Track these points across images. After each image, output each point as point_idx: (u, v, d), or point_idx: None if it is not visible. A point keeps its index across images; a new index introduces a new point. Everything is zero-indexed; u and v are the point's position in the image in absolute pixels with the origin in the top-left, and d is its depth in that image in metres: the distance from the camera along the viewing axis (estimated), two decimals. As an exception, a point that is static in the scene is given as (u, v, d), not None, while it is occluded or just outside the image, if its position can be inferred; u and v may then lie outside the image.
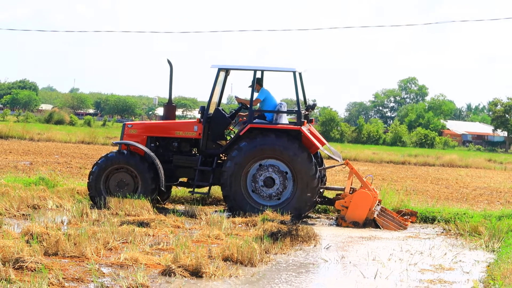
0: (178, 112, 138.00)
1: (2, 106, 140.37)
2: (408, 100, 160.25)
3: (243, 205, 19.08)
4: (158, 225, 16.33)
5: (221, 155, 19.90)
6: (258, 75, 20.10)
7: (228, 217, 18.19)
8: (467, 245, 16.64)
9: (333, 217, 20.23)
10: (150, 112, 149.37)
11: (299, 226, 16.75)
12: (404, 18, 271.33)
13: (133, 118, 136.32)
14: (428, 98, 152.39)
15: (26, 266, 11.49)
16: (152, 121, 24.42)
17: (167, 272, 11.93)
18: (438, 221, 19.71)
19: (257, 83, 19.87)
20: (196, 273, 11.93)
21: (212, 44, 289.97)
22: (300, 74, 19.99)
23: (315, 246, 15.62)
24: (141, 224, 16.29)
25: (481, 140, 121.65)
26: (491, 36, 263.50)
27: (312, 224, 18.72)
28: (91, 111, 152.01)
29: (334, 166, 22.03)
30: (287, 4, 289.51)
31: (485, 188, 31.90)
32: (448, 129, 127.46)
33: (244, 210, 18.90)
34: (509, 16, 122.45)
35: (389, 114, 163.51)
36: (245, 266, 13.00)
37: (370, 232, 17.89)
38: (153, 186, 19.37)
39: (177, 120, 20.90)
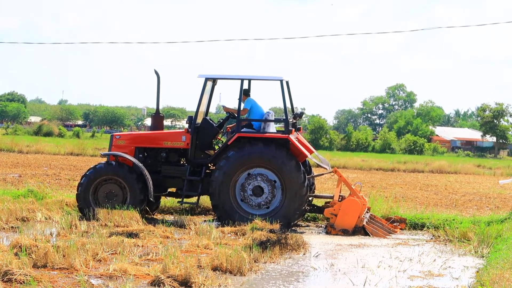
0: (167, 122, 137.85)
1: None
2: (396, 107, 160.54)
3: (232, 215, 19.05)
4: (147, 236, 16.31)
5: (209, 165, 19.88)
6: (245, 84, 20.10)
7: (217, 227, 18.21)
8: (456, 251, 16.70)
9: (322, 225, 20.24)
10: (139, 123, 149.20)
11: (288, 234, 16.77)
12: (391, 25, 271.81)
13: (122, 129, 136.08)
14: (416, 105, 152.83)
15: (15, 279, 11.46)
16: (139, 132, 24.36)
17: (156, 283, 11.93)
18: (427, 227, 19.75)
19: (243, 94, 19.84)
20: (185, 283, 11.92)
21: (199, 54, 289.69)
22: (287, 82, 20.01)
23: (304, 254, 15.64)
24: (130, 235, 16.28)
25: (470, 146, 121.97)
26: (478, 42, 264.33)
27: (301, 233, 18.73)
28: (80, 122, 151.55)
29: (322, 174, 22.01)
30: (273, 13, 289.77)
31: (474, 193, 31.98)
32: (437, 135, 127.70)
33: (233, 220, 18.87)
34: (496, 21, 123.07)
35: (377, 121, 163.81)
36: (235, 275, 13.01)
37: (360, 240, 17.91)
38: (142, 197, 19.35)
39: (165, 130, 20.90)
